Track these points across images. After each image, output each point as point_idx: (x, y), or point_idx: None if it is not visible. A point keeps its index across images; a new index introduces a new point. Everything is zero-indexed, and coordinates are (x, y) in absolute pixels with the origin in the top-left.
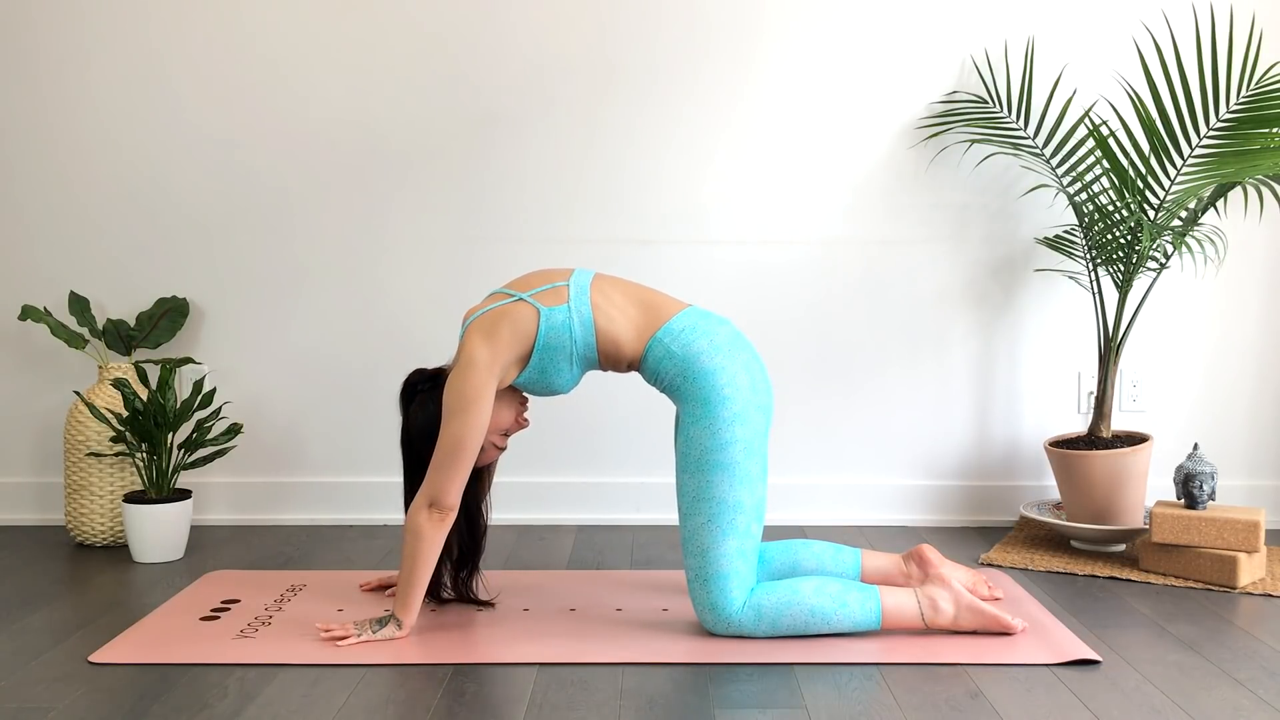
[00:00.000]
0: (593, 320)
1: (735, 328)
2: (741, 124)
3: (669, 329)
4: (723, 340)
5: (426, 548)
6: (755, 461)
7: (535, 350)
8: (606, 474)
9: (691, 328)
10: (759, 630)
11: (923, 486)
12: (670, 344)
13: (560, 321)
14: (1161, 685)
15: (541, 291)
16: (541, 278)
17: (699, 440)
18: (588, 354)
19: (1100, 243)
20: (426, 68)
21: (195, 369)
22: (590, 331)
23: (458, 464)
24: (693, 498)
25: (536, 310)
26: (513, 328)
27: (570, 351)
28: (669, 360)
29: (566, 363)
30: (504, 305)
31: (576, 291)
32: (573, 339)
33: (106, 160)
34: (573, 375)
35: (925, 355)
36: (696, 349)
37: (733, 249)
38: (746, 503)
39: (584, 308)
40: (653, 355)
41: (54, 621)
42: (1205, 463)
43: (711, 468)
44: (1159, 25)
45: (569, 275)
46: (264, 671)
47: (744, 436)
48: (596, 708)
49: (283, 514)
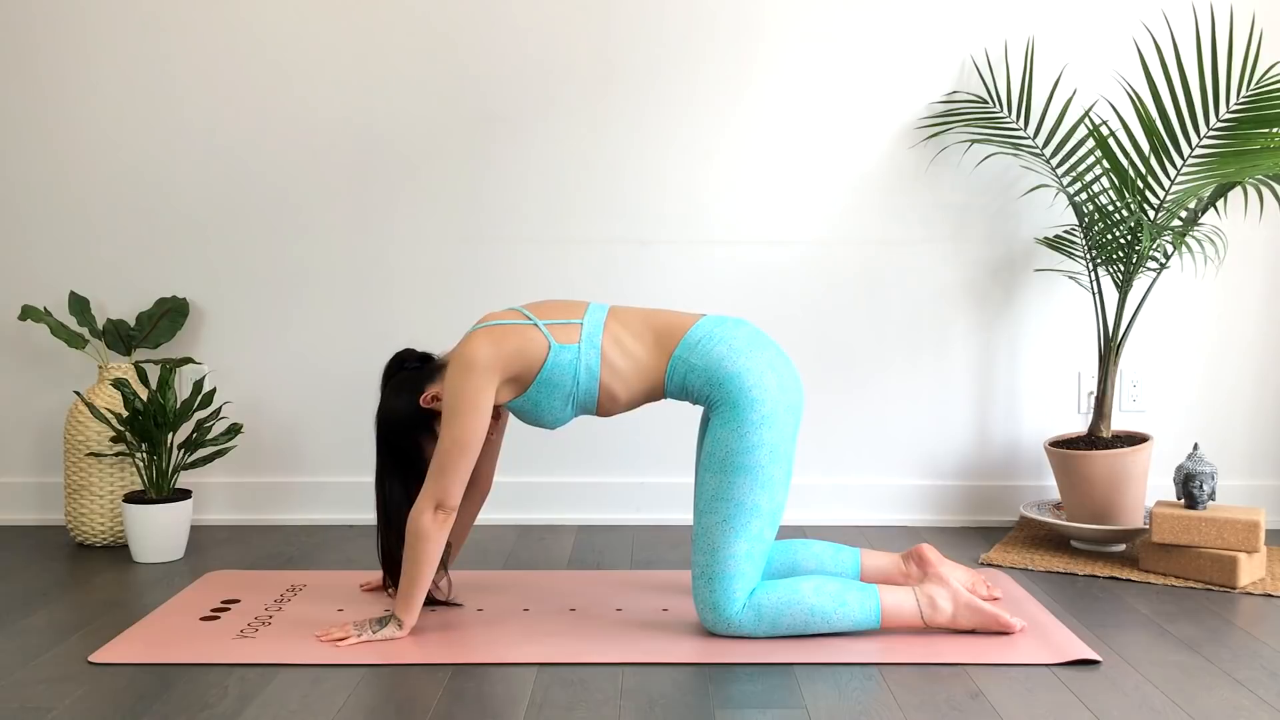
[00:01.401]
0: (599, 370)
1: (754, 327)
2: (742, 124)
3: (686, 343)
4: (742, 342)
5: (432, 549)
6: (780, 466)
7: (535, 381)
8: (606, 474)
9: (708, 336)
10: (759, 630)
11: (923, 486)
12: (690, 358)
13: (567, 361)
14: (1161, 685)
15: (556, 325)
16: (558, 309)
17: (725, 441)
18: (586, 401)
19: (1100, 243)
20: (427, 68)
21: (195, 369)
22: (594, 380)
23: (460, 465)
24: (711, 496)
25: (548, 343)
26: (521, 348)
27: (570, 392)
28: (693, 374)
29: (562, 402)
30: (520, 325)
31: (588, 334)
32: (575, 381)
33: (107, 160)
34: (565, 415)
35: (925, 355)
36: (717, 355)
37: (733, 249)
38: (765, 507)
39: (592, 355)
40: (676, 373)
41: (54, 621)
42: (1205, 463)
43: (735, 470)
44: (1159, 25)
45: (583, 312)
46: (264, 671)
47: (770, 440)
48: (596, 708)
49: (283, 514)
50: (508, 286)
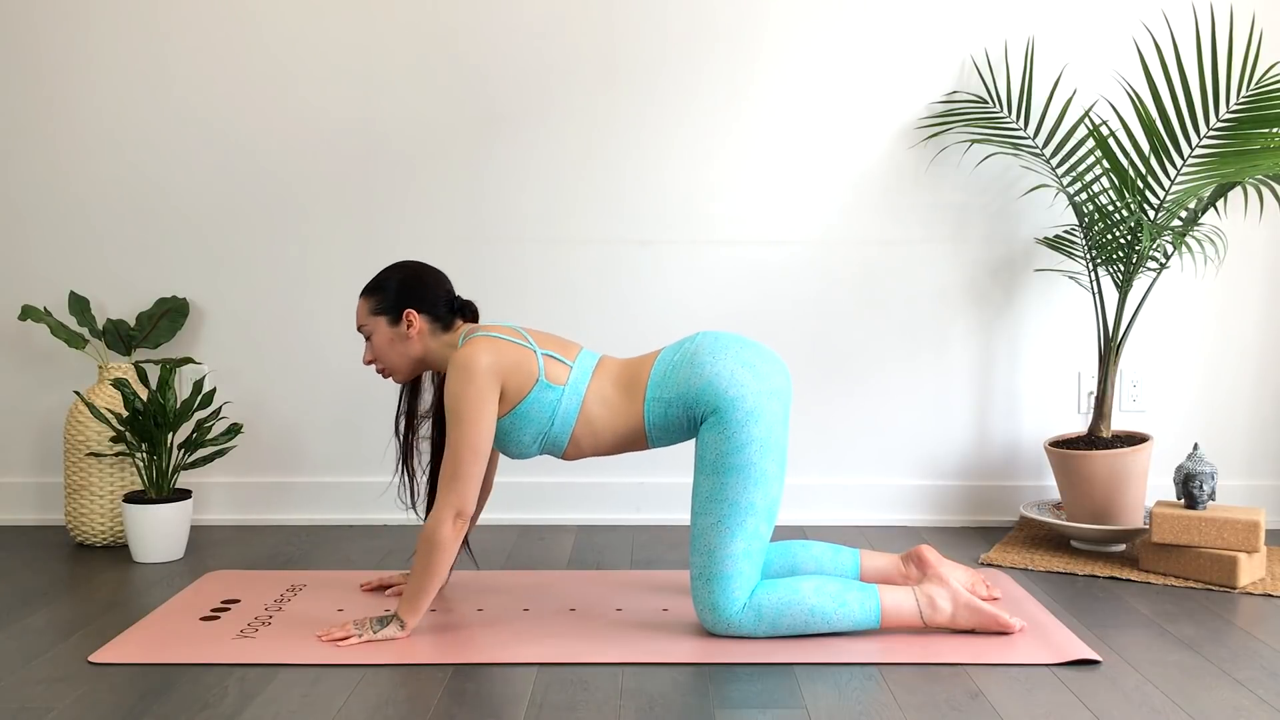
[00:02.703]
0: (575, 418)
1: (710, 334)
2: (742, 124)
3: (652, 383)
4: (704, 354)
5: (447, 559)
6: (772, 459)
7: (513, 411)
8: (606, 474)
9: (670, 366)
10: (759, 630)
11: (923, 486)
12: (660, 395)
13: (549, 401)
14: (1161, 685)
15: (551, 358)
16: (555, 344)
17: (714, 444)
18: (554, 444)
19: (1100, 243)
20: (428, 68)
21: (195, 369)
22: (568, 427)
23: (474, 470)
24: (706, 498)
25: (538, 376)
26: (518, 365)
27: (543, 431)
28: (671, 408)
29: (532, 437)
30: (519, 345)
31: (575, 379)
32: (551, 422)
33: (107, 160)
34: (530, 450)
35: (925, 355)
36: (683, 377)
37: (733, 249)
38: (759, 504)
39: (574, 402)
40: (654, 414)
41: (54, 621)
42: (1205, 463)
43: (727, 470)
44: (1159, 25)
45: (575, 355)
46: (264, 671)
47: (759, 435)
48: (596, 708)
49: (283, 514)
50: (508, 286)
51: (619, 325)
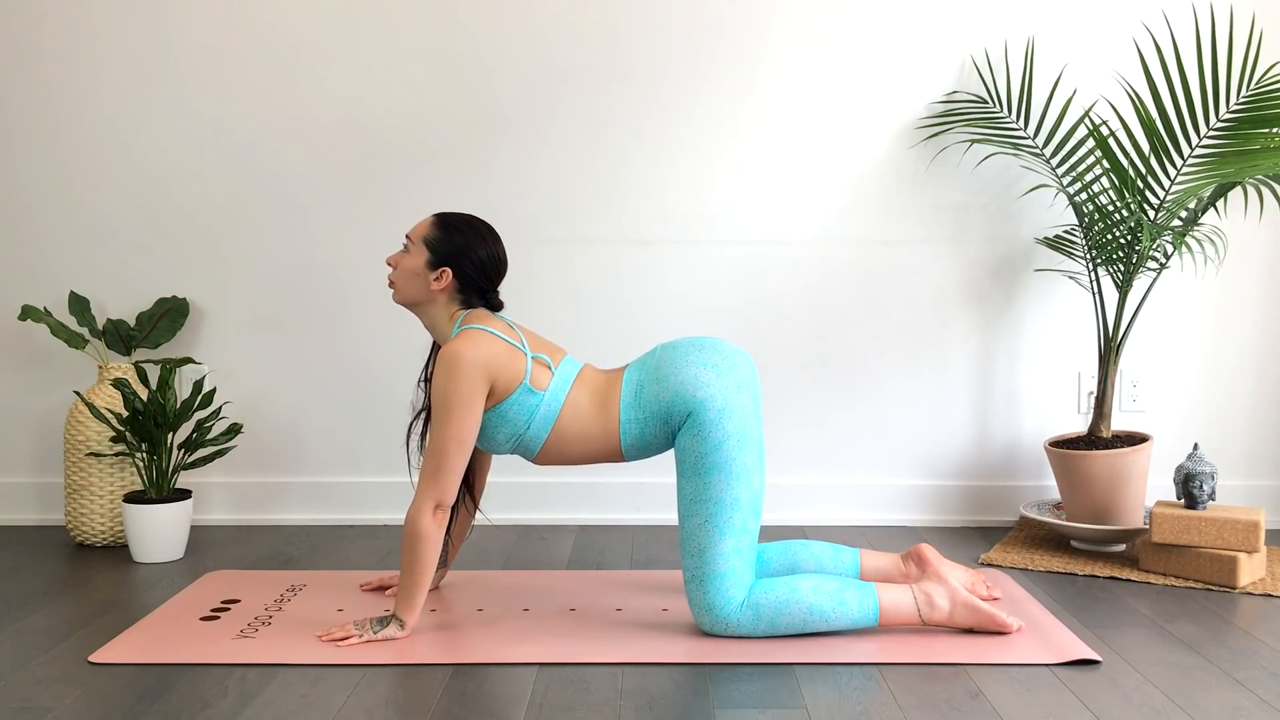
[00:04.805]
0: (551, 425)
1: (664, 344)
2: (744, 125)
3: (625, 408)
4: (664, 366)
5: (432, 550)
6: (750, 452)
7: (493, 409)
8: (606, 474)
9: (637, 386)
10: (757, 629)
11: (923, 486)
12: (636, 415)
13: (529, 404)
14: (1161, 685)
15: (538, 360)
16: (544, 347)
17: (692, 447)
18: (527, 448)
19: (1100, 243)
20: (430, 68)
21: (195, 369)
22: (544, 433)
23: (457, 463)
24: (690, 499)
25: (523, 379)
26: (506, 365)
27: (518, 433)
28: (647, 426)
29: (506, 436)
30: (512, 345)
31: (555, 386)
32: (527, 425)
33: (107, 160)
34: (502, 448)
35: (925, 355)
36: (651, 394)
37: (733, 249)
38: (743, 499)
39: (552, 409)
40: (629, 434)
41: (54, 621)
42: (1205, 463)
43: (707, 469)
44: (1159, 25)
45: (559, 360)
46: (264, 671)
47: (734, 430)
48: (596, 708)
49: (283, 514)
50: (509, 286)
51: (620, 325)
